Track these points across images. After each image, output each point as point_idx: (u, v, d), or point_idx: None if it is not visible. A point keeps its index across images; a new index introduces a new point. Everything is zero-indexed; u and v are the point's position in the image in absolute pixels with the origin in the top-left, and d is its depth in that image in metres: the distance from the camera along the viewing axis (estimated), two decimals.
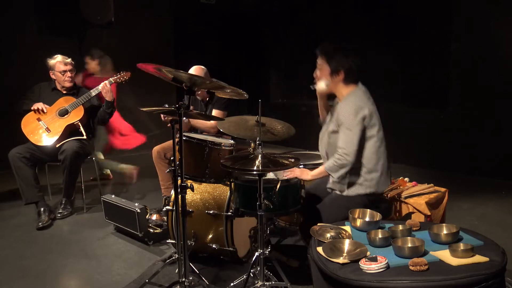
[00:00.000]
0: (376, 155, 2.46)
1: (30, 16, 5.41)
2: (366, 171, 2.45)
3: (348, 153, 2.37)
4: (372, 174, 2.45)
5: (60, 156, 3.66)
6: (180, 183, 2.17)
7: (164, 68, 2.05)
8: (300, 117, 6.62)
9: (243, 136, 2.77)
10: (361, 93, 2.48)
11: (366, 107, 2.41)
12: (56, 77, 3.84)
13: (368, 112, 2.40)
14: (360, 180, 2.46)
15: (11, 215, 3.90)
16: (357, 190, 2.47)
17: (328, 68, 2.46)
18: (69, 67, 3.84)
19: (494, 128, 4.90)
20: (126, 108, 6.29)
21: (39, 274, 2.85)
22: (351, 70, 2.45)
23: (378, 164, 2.46)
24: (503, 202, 4.16)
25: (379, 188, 2.49)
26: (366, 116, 2.40)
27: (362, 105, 2.41)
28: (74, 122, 3.75)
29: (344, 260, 1.76)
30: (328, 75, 2.48)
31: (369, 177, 2.45)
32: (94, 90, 3.79)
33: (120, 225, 3.38)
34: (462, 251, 1.73)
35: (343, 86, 2.49)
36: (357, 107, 2.39)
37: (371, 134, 2.44)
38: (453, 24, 5.15)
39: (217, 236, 2.76)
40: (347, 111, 2.41)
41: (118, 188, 4.67)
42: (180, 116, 2.12)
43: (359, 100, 2.43)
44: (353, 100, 2.43)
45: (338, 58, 2.44)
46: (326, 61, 2.47)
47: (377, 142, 2.46)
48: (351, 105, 2.41)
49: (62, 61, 3.82)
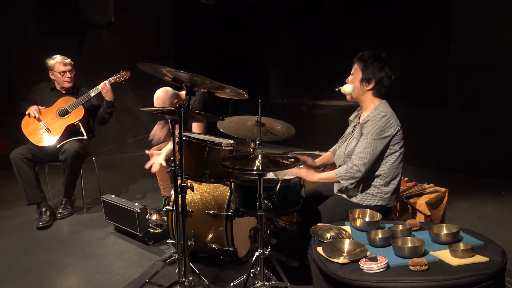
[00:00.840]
0: (395, 170, 2.43)
1: (30, 16, 5.41)
2: (382, 184, 2.42)
3: (362, 164, 2.34)
4: (387, 188, 2.42)
5: (61, 156, 3.66)
6: (180, 183, 2.17)
7: (164, 68, 2.05)
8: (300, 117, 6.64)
9: (243, 136, 2.77)
10: (387, 106, 2.45)
11: (397, 123, 2.39)
12: (55, 78, 3.84)
13: (398, 129, 2.38)
14: (374, 191, 2.43)
15: (11, 215, 3.90)
16: (369, 201, 2.42)
17: (360, 75, 2.44)
18: (69, 67, 3.83)
19: (494, 128, 4.89)
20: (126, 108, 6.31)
21: (39, 274, 2.85)
22: (382, 83, 2.43)
23: (396, 179, 2.44)
24: (503, 202, 4.16)
25: (390, 202, 2.46)
26: (394, 134, 2.37)
27: (393, 122, 2.37)
28: (74, 122, 3.75)
29: (344, 260, 1.76)
30: (359, 82, 2.45)
31: (384, 190, 2.42)
32: (94, 90, 3.79)
33: (120, 225, 3.38)
34: (462, 251, 1.73)
35: (371, 97, 2.47)
36: (388, 122, 2.35)
37: (395, 149, 2.41)
38: (453, 24, 5.15)
39: (217, 236, 2.76)
40: (376, 124, 2.36)
41: (118, 188, 4.67)
42: (180, 116, 2.12)
43: (388, 111, 2.40)
44: (384, 113, 2.37)
45: (372, 68, 2.41)
46: (361, 68, 2.44)
47: (399, 157, 2.43)
48: (384, 119, 2.36)
49: (61, 61, 3.81)
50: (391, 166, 2.41)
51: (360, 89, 2.46)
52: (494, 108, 4.88)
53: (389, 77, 2.43)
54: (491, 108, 4.90)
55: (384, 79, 2.42)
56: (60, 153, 3.68)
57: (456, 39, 5.12)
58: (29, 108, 3.71)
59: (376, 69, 2.41)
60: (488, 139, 4.94)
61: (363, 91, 2.46)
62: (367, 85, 2.43)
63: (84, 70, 4.28)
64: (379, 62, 2.41)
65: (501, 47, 4.80)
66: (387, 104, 2.47)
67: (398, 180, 2.45)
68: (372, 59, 2.42)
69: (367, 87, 2.44)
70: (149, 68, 2.10)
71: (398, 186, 2.48)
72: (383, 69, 2.41)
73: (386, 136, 2.35)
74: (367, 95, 2.47)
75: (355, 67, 2.49)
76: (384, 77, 2.42)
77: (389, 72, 2.42)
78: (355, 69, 2.48)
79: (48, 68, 3.83)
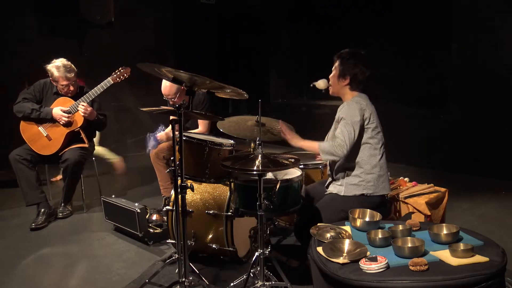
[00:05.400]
0: (374, 157, 2.52)
1: (30, 16, 5.40)
2: (364, 172, 2.51)
3: (345, 145, 2.41)
4: (368, 176, 2.50)
5: (62, 165, 3.64)
6: (180, 183, 2.17)
7: (164, 68, 2.05)
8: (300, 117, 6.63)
9: (243, 136, 2.77)
10: (364, 97, 2.58)
11: (367, 109, 2.50)
12: (57, 86, 3.73)
13: (369, 113, 2.50)
14: (357, 181, 2.51)
15: (11, 215, 3.90)
16: (354, 191, 2.50)
17: (338, 71, 2.59)
18: (71, 81, 3.68)
19: (494, 128, 4.89)
20: (126, 108, 6.31)
21: (39, 274, 2.85)
22: (357, 79, 2.56)
23: (377, 166, 2.51)
24: (503, 202, 4.16)
25: (377, 191, 2.52)
26: (367, 116, 2.49)
27: (363, 107, 2.50)
28: (75, 129, 3.71)
29: (344, 260, 1.76)
30: (336, 78, 2.60)
31: (366, 178, 2.50)
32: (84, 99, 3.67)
33: (120, 225, 3.38)
34: (462, 251, 1.73)
35: (348, 91, 2.60)
36: (359, 107, 2.48)
37: (370, 135, 2.51)
38: (453, 24, 5.14)
39: (217, 236, 2.76)
40: (349, 109, 2.49)
41: (118, 188, 4.67)
42: (180, 116, 2.12)
43: (362, 102, 2.52)
44: (356, 100, 2.53)
45: (347, 65, 2.55)
46: (338, 65, 2.59)
47: (377, 143, 2.53)
48: (354, 105, 2.49)
49: (64, 75, 3.63)
50: (369, 153, 2.50)
51: (338, 84, 2.61)
52: (494, 108, 4.88)
53: (363, 73, 2.55)
54: (491, 108, 4.90)
55: (358, 75, 2.55)
56: (61, 161, 3.65)
57: (456, 39, 5.12)
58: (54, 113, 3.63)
59: (351, 66, 2.55)
60: (488, 139, 4.94)
61: (341, 86, 2.61)
62: (344, 80, 2.58)
63: (84, 70, 4.26)
64: (354, 59, 2.55)
65: (501, 47, 4.80)
66: (364, 96, 2.59)
67: (379, 168, 2.52)
68: (348, 56, 2.57)
69: (343, 82, 2.58)
70: (149, 68, 2.10)
71: (383, 175, 2.54)
72: (357, 66, 2.54)
73: (359, 119, 2.45)
74: (345, 90, 2.61)
75: (335, 64, 2.64)
76: (358, 73, 2.55)
77: (363, 69, 2.55)
78: (335, 66, 2.63)
79: (50, 76, 3.69)
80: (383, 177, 2.54)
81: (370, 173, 2.50)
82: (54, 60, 3.71)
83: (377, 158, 2.52)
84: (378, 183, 2.52)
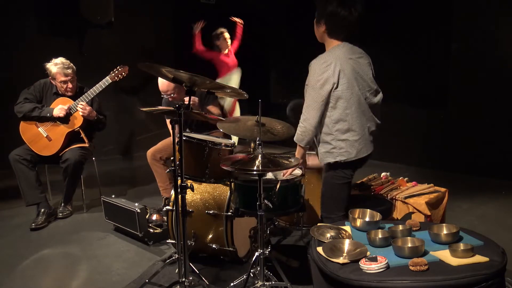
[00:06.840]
0: (345, 121, 2.26)
1: (30, 16, 5.40)
2: (333, 139, 2.28)
3: (307, 118, 2.26)
4: (340, 142, 2.28)
5: (62, 165, 3.64)
6: (180, 183, 2.17)
7: (164, 68, 2.06)
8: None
9: (243, 136, 2.77)
10: (340, 48, 2.24)
11: (336, 64, 2.17)
12: (56, 85, 3.75)
13: (337, 69, 2.17)
14: (329, 148, 2.32)
15: (11, 215, 3.90)
16: (329, 158, 2.32)
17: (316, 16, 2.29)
18: (69, 77, 3.68)
19: (494, 128, 4.90)
20: (126, 108, 6.31)
21: (39, 274, 2.85)
22: (333, 23, 2.22)
23: (349, 131, 2.26)
24: (503, 202, 4.16)
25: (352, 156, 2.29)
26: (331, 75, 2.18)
27: (331, 62, 2.18)
28: (75, 129, 3.71)
29: (344, 260, 1.76)
30: (315, 24, 2.32)
31: (337, 144, 2.28)
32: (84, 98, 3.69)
33: (120, 225, 3.38)
34: (462, 251, 1.73)
35: (328, 39, 2.29)
36: (325, 64, 2.19)
37: (337, 95, 2.22)
38: (453, 24, 5.15)
39: (217, 236, 2.76)
40: (314, 68, 2.23)
41: (118, 188, 4.67)
42: (180, 116, 2.12)
43: (331, 56, 2.21)
44: (325, 56, 2.22)
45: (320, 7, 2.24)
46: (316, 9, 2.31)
47: (345, 103, 2.23)
48: (321, 62, 2.21)
49: (62, 71, 3.64)
50: (337, 117, 2.26)
51: (318, 31, 2.34)
52: (494, 108, 4.89)
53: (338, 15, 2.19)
54: (491, 108, 4.91)
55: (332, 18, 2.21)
56: (61, 161, 3.65)
57: (456, 39, 5.12)
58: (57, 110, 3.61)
59: (324, 8, 2.24)
60: (487, 139, 4.94)
61: (320, 33, 2.33)
62: (320, 26, 2.30)
63: (84, 70, 4.26)
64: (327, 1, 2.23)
65: (501, 47, 4.80)
66: (343, 47, 2.25)
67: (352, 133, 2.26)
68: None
69: (321, 28, 2.30)
70: (149, 68, 2.10)
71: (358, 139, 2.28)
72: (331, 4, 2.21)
73: (326, 77, 2.18)
74: (325, 37, 2.32)
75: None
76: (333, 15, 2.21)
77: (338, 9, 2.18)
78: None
79: (49, 74, 3.70)
80: (358, 141, 2.27)
81: (341, 139, 2.27)
82: (53, 59, 3.73)
83: (349, 121, 2.25)
84: (352, 148, 2.26)
